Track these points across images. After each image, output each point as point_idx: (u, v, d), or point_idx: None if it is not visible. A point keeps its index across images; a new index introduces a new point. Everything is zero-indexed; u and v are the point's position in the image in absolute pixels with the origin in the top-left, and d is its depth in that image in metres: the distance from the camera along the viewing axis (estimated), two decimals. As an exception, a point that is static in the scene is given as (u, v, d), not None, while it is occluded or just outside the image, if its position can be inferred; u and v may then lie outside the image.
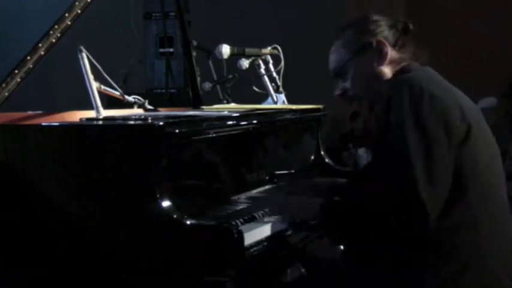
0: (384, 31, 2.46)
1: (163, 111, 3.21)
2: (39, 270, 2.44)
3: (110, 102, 3.08)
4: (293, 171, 3.23)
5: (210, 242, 2.23)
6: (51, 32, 2.82)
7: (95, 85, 2.66)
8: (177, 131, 2.40)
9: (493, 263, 2.23)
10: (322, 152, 3.41)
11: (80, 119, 2.55)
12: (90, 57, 2.66)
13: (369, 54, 2.44)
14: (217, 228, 2.25)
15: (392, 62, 2.44)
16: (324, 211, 2.36)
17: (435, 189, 2.15)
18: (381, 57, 2.43)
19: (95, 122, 2.53)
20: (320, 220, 2.39)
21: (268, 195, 2.84)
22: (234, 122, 2.79)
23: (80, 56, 2.65)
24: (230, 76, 3.60)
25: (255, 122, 2.89)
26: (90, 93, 2.64)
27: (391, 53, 2.44)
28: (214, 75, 3.71)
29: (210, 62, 3.73)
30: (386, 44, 2.43)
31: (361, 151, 2.32)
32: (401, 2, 7.28)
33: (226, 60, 3.55)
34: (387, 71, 2.43)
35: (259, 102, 3.60)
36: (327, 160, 3.41)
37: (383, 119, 2.26)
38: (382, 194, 2.18)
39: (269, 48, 3.65)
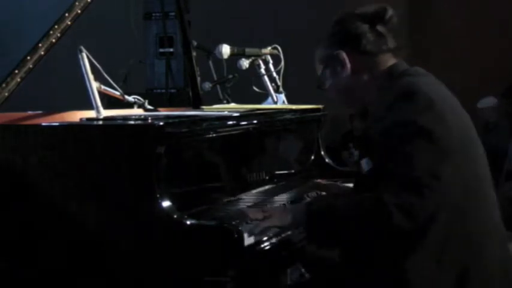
0: (350, 36, 2.37)
1: (163, 111, 3.21)
2: (39, 270, 2.44)
3: (110, 102, 3.08)
4: (293, 171, 3.23)
5: (210, 242, 2.23)
6: (51, 32, 2.82)
7: (95, 85, 2.66)
8: (177, 131, 2.40)
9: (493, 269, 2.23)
10: (322, 152, 3.41)
11: (80, 119, 2.55)
12: (90, 57, 2.67)
13: (334, 68, 2.39)
14: (217, 228, 2.25)
15: (364, 69, 2.37)
16: (311, 213, 2.28)
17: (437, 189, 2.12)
18: (345, 69, 2.37)
19: (95, 122, 2.53)
20: (305, 221, 2.30)
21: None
22: (234, 122, 2.79)
23: (80, 56, 2.65)
24: (230, 76, 3.60)
25: (255, 122, 2.90)
26: (90, 93, 2.65)
27: (357, 62, 2.36)
28: (214, 75, 3.71)
29: (210, 62, 3.73)
30: (345, 56, 2.36)
31: (364, 162, 2.26)
32: (403, 3, 7.27)
33: (226, 60, 3.55)
34: (363, 79, 2.38)
35: (259, 102, 3.60)
36: (327, 160, 3.41)
37: (386, 129, 2.19)
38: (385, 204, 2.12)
39: (269, 48, 3.65)
